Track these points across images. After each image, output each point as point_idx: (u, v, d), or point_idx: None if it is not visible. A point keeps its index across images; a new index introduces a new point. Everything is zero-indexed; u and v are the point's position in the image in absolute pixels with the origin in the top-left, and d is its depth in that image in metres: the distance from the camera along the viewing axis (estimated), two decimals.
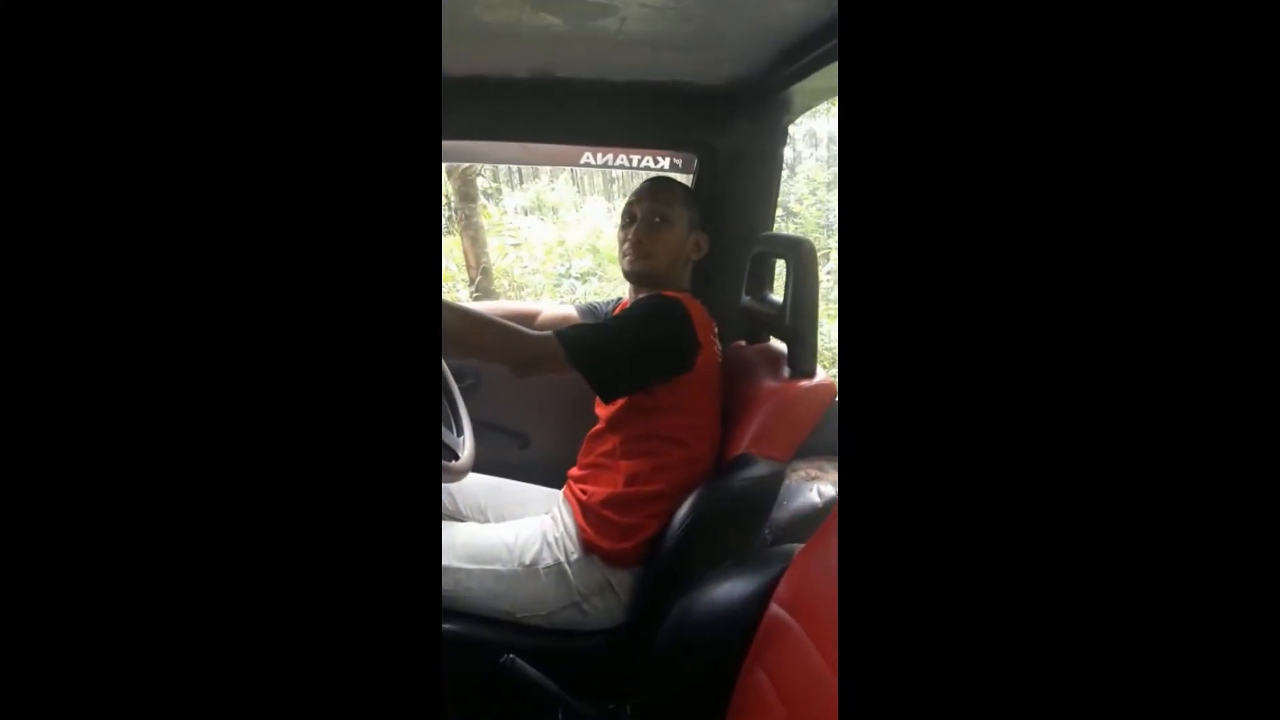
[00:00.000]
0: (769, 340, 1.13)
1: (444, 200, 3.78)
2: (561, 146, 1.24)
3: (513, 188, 5.50)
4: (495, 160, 2.80)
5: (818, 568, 0.62)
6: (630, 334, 0.90)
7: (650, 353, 0.90)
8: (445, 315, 0.81)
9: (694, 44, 0.91)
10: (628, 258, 1.02)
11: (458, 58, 0.98)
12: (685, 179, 1.24)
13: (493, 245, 3.90)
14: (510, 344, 0.85)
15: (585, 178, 5.70)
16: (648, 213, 1.01)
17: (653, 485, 0.93)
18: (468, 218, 3.57)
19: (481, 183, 4.17)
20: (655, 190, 1.03)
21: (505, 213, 4.64)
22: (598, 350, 0.87)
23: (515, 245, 4.11)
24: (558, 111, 1.13)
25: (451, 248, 3.86)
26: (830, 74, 0.91)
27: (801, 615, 0.60)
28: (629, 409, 0.95)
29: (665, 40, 0.90)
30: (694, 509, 0.89)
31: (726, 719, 0.65)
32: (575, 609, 0.92)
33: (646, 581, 0.93)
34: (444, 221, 3.89)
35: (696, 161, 1.24)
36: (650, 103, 1.13)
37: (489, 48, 0.95)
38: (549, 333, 0.86)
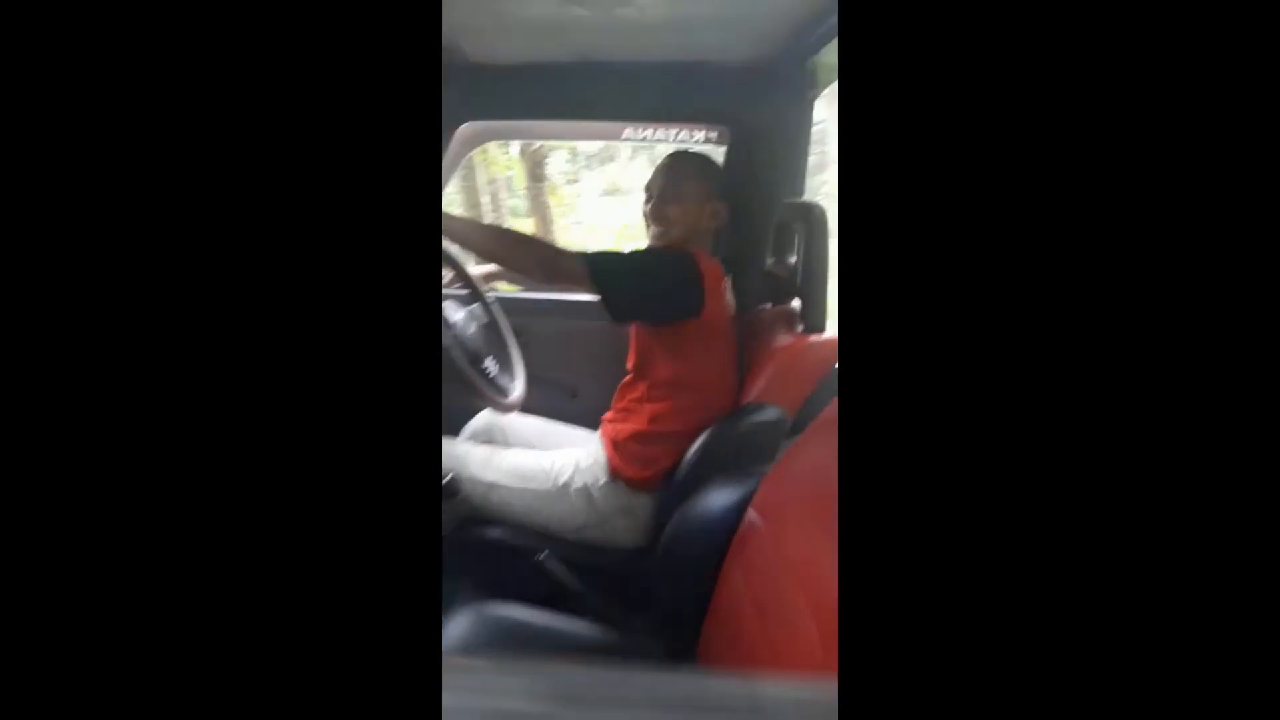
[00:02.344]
0: (790, 303, 1.21)
1: (518, 180, 4.00)
2: (605, 123, 1.36)
3: (591, 170, 5.67)
4: (548, 137, 3.19)
5: (788, 473, 0.70)
6: (643, 264, 1.04)
7: (656, 286, 1.02)
8: (481, 230, 1.04)
9: (710, 25, 1.01)
10: (650, 229, 1.15)
11: (508, 48, 1.12)
12: (720, 151, 1.33)
13: (560, 225, 4.10)
14: (543, 255, 1.01)
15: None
16: (663, 187, 1.13)
17: (672, 425, 1.06)
18: (536, 198, 3.78)
19: (562, 166, 4.35)
20: (670, 165, 1.14)
21: (580, 195, 4.82)
22: (615, 272, 1.01)
23: (577, 224, 4.29)
24: (599, 92, 1.26)
25: (525, 228, 4.08)
26: None
27: (769, 515, 0.69)
28: (651, 359, 1.08)
29: (683, 23, 1.00)
30: (704, 445, 1.01)
31: (707, 612, 0.75)
32: (599, 529, 1.06)
33: (661, 506, 1.05)
34: (519, 201, 4.13)
35: (730, 133, 1.33)
36: (681, 81, 1.23)
37: (532, 38, 1.09)
38: (578, 252, 1.01)
